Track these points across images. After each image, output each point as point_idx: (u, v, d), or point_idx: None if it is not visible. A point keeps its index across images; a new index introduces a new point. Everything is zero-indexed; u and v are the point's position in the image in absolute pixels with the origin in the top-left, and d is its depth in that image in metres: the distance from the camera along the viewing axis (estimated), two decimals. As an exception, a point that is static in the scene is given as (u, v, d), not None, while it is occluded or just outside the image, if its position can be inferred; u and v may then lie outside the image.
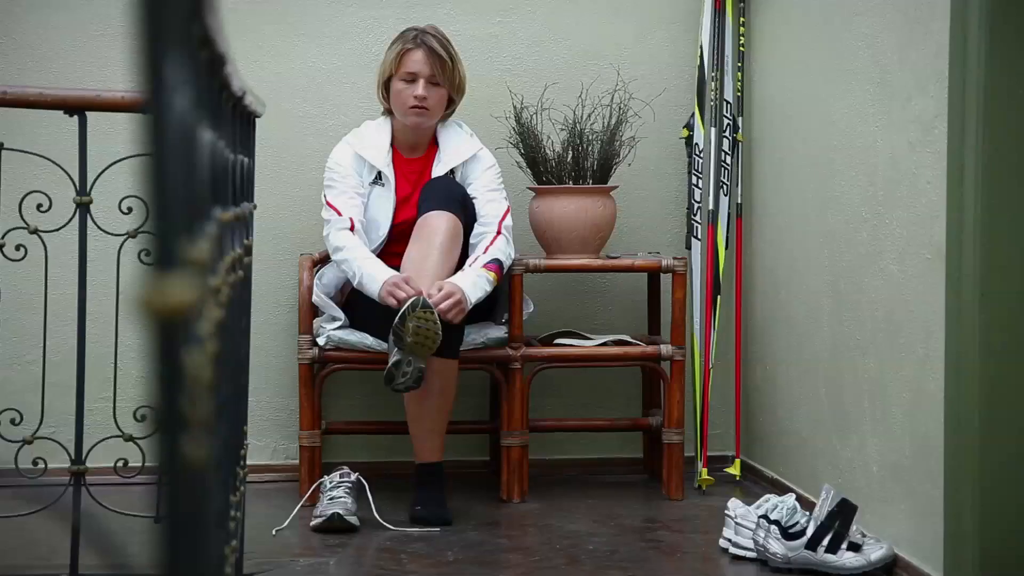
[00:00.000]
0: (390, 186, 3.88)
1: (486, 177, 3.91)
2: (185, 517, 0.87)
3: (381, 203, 3.88)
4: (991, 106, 2.71)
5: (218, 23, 1.19)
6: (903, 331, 3.09)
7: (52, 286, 3.04)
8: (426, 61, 3.82)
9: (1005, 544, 2.76)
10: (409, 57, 3.83)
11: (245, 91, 1.99)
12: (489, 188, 3.90)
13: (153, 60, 0.83)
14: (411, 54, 3.83)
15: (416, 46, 3.83)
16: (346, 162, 3.88)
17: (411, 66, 3.83)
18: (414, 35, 3.86)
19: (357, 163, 3.88)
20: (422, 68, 3.82)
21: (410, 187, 3.91)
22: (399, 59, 3.84)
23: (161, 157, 0.84)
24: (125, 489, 3.08)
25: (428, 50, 3.83)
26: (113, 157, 2.86)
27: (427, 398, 3.70)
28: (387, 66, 3.87)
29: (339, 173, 3.87)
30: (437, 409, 3.72)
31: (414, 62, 3.83)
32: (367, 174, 3.88)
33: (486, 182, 3.91)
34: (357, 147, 3.89)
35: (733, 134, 4.18)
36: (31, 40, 4.15)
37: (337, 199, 3.84)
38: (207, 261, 1.04)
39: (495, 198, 3.90)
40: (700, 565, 3.33)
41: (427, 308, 3.50)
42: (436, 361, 3.64)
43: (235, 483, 2.04)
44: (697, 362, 4.16)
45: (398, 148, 3.93)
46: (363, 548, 3.45)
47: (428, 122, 3.87)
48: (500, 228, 3.84)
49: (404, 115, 3.85)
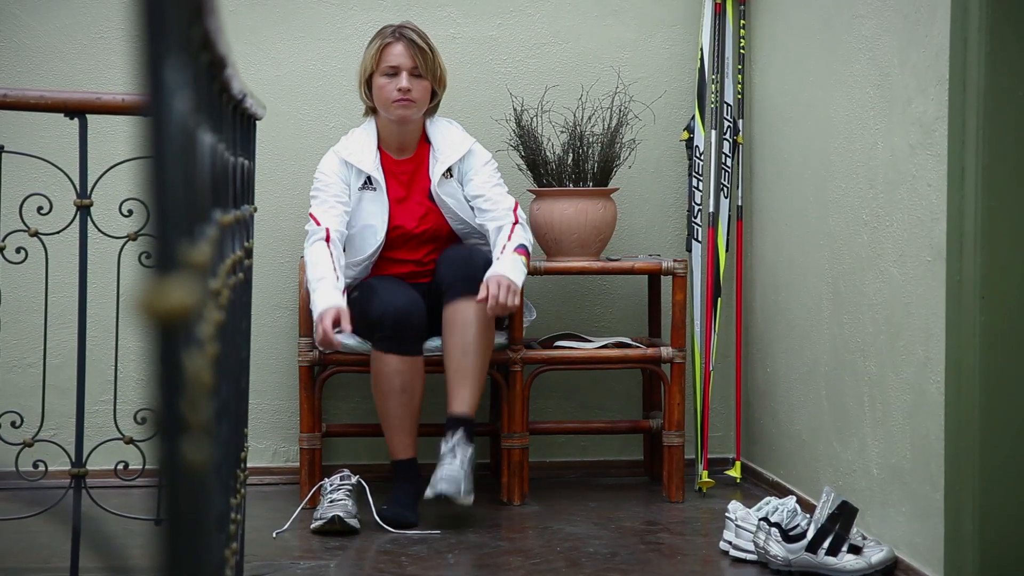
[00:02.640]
0: (381, 189, 3.86)
1: (486, 172, 3.90)
2: (185, 520, 0.87)
3: (374, 208, 3.86)
4: (991, 108, 2.71)
5: (218, 26, 1.20)
6: (903, 333, 3.09)
7: (52, 289, 3.04)
8: (407, 53, 3.82)
9: (1005, 546, 2.76)
10: (389, 51, 3.82)
11: (245, 94, 1.99)
12: (493, 184, 3.89)
13: (153, 63, 0.83)
14: (391, 48, 3.82)
15: (396, 39, 3.83)
16: (331, 170, 3.86)
17: (392, 59, 3.81)
18: (392, 30, 3.86)
19: (343, 170, 3.86)
20: (403, 60, 3.81)
21: (403, 189, 3.90)
22: (379, 54, 3.83)
23: (161, 160, 0.84)
24: (125, 492, 3.09)
25: (408, 42, 3.82)
26: (114, 160, 2.86)
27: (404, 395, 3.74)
28: (367, 63, 3.86)
29: (323, 182, 3.85)
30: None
31: (395, 55, 3.82)
32: (355, 180, 3.86)
33: (487, 177, 3.89)
34: (343, 153, 3.87)
35: (733, 136, 4.18)
36: (32, 43, 4.15)
37: (318, 209, 3.82)
38: (207, 264, 1.04)
39: (502, 192, 3.89)
40: (700, 568, 3.33)
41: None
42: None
43: (235, 486, 2.04)
44: (697, 364, 4.16)
45: (386, 150, 3.91)
46: (363, 550, 3.45)
47: (415, 115, 3.85)
48: (517, 217, 3.84)
49: (388, 110, 3.83)
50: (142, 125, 0.84)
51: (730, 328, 4.27)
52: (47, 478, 2.95)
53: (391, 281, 3.84)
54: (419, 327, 3.74)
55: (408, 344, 3.72)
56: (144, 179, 0.84)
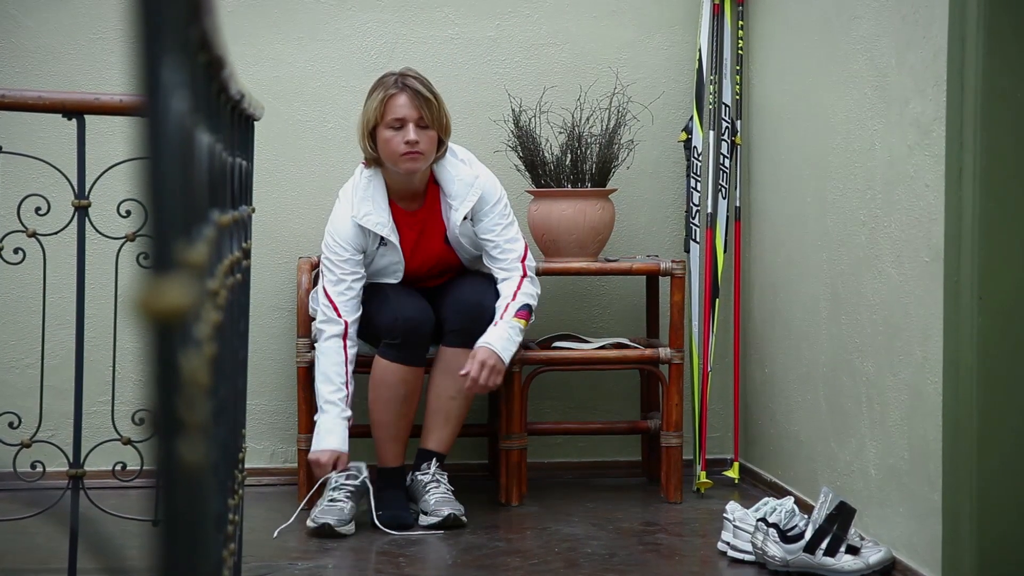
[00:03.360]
0: (395, 245, 3.76)
1: (496, 213, 3.79)
2: (183, 520, 0.87)
3: (389, 259, 3.78)
4: (989, 109, 2.71)
5: (216, 26, 1.20)
6: (901, 334, 3.09)
7: (50, 289, 3.04)
8: (411, 104, 3.64)
9: (1003, 547, 2.76)
10: (393, 102, 3.65)
11: (243, 94, 1.99)
12: (504, 226, 3.79)
13: (150, 63, 0.83)
14: (395, 99, 3.65)
15: (399, 90, 3.66)
16: (346, 240, 3.72)
17: (397, 111, 3.65)
18: (394, 79, 3.68)
19: (359, 239, 3.73)
20: (409, 112, 3.64)
21: (415, 236, 3.81)
22: (383, 106, 3.66)
23: (158, 160, 0.84)
24: (123, 492, 3.08)
25: (412, 92, 3.65)
26: (112, 160, 2.86)
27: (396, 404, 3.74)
28: (370, 115, 3.68)
29: (339, 256, 3.72)
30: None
31: (399, 107, 3.65)
32: (371, 243, 3.75)
33: (497, 219, 3.79)
34: (359, 218, 3.72)
35: (731, 137, 4.18)
36: (30, 43, 4.15)
37: (334, 290, 3.72)
38: (205, 264, 1.04)
39: (512, 236, 3.80)
40: (698, 568, 3.33)
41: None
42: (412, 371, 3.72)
43: (233, 486, 2.04)
44: (696, 365, 4.16)
45: (396, 202, 3.78)
46: (362, 551, 3.45)
47: (422, 166, 3.69)
48: (524, 270, 3.78)
49: (396, 163, 3.67)
50: (139, 125, 0.84)
51: (728, 329, 4.27)
52: (45, 479, 2.95)
53: (400, 288, 3.81)
54: (427, 336, 3.73)
55: (414, 354, 3.72)
56: (141, 180, 0.84)
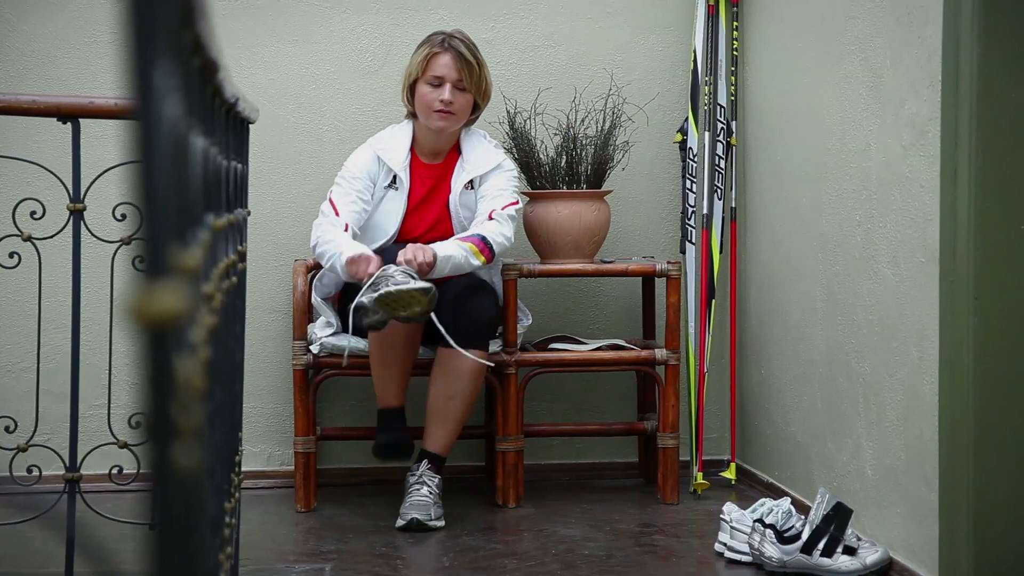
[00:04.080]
0: (403, 189, 3.84)
1: (502, 179, 3.86)
2: (179, 524, 0.87)
3: (392, 207, 3.84)
4: (984, 109, 2.72)
5: (210, 29, 1.19)
6: (897, 334, 3.10)
7: (46, 293, 3.03)
8: (453, 65, 3.79)
9: (1000, 547, 2.76)
10: (436, 61, 3.80)
11: (238, 97, 1.99)
12: (497, 187, 3.85)
13: (143, 67, 0.83)
14: (438, 58, 3.80)
15: (444, 50, 3.80)
16: (362, 163, 3.84)
17: (438, 70, 3.79)
18: (442, 39, 3.83)
19: (374, 166, 3.84)
20: (449, 72, 3.79)
21: (425, 191, 3.87)
22: (426, 62, 3.80)
23: (151, 164, 0.84)
24: (120, 496, 3.08)
25: (456, 54, 3.80)
26: (107, 164, 2.85)
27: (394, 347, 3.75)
28: (413, 69, 3.83)
29: (352, 174, 3.83)
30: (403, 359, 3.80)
31: (441, 66, 3.79)
32: (383, 178, 3.84)
33: (495, 182, 3.86)
34: (377, 148, 3.85)
35: (727, 138, 4.18)
36: (24, 47, 4.15)
37: (340, 199, 3.80)
38: (199, 268, 1.04)
39: (498, 194, 3.84)
40: (695, 569, 3.33)
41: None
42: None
43: (230, 490, 2.04)
44: (692, 366, 4.16)
45: (418, 152, 3.89)
46: (358, 553, 3.45)
47: (453, 127, 3.83)
48: (491, 214, 3.81)
49: (428, 119, 3.81)
50: (132, 129, 0.84)
51: (724, 330, 4.27)
52: (41, 483, 2.94)
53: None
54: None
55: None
56: (135, 184, 0.84)
